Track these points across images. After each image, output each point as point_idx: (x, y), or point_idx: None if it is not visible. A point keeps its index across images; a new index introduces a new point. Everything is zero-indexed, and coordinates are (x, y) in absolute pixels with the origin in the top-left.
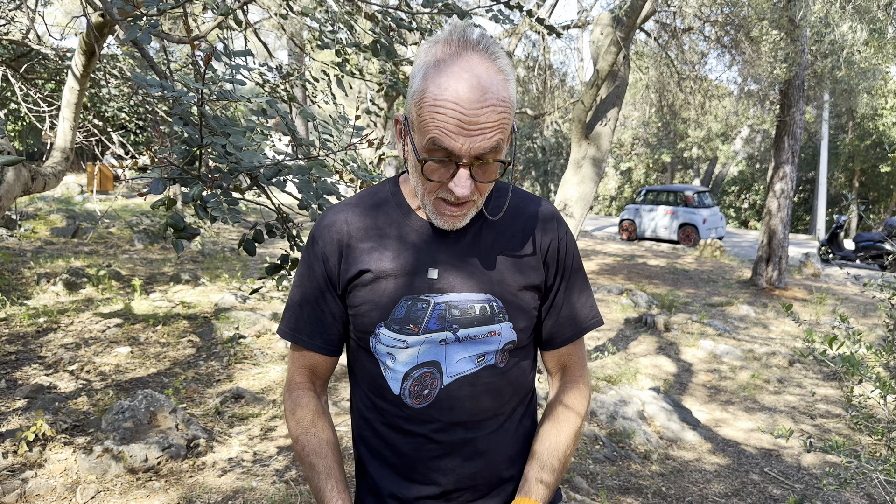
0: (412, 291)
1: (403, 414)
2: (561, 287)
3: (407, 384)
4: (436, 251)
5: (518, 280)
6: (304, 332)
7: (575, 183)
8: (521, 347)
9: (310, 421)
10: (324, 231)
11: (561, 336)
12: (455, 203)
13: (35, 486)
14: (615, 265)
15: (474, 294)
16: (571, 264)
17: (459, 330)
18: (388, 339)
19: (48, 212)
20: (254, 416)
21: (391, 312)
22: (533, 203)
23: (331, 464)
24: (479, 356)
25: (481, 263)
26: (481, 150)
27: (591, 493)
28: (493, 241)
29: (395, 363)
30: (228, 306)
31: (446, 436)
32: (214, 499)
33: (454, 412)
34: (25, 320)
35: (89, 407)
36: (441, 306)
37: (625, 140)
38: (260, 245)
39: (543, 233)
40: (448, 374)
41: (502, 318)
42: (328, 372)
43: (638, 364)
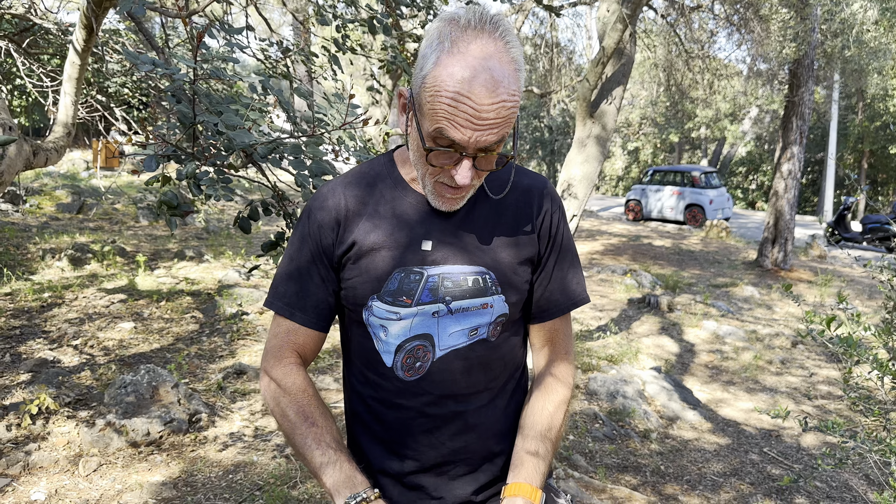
0: (405, 264)
1: (395, 387)
2: (551, 261)
3: (399, 357)
4: (430, 224)
5: (511, 253)
6: (295, 306)
7: (579, 162)
8: (512, 322)
9: (307, 397)
10: (320, 205)
11: (549, 310)
12: (455, 188)
13: (38, 458)
14: (620, 245)
15: (467, 266)
16: (562, 240)
17: (452, 302)
18: (381, 311)
19: (53, 188)
20: (256, 392)
21: (384, 285)
22: (527, 178)
23: (335, 436)
24: (471, 330)
25: (475, 236)
26: (487, 144)
27: (590, 470)
28: (487, 214)
29: (388, 335)
30: (232, 283)
31: (437, 409)
32: (216, 472)
33: (446, 385)
34: (30, 295)
35: (92, 381)
36: (434, 278)
37: (632, 120)
38: (264, 223)
39: (537, 207)
40: (440, 348)
41: (495, 291)
42: (315, 350)
43: (640, 344)
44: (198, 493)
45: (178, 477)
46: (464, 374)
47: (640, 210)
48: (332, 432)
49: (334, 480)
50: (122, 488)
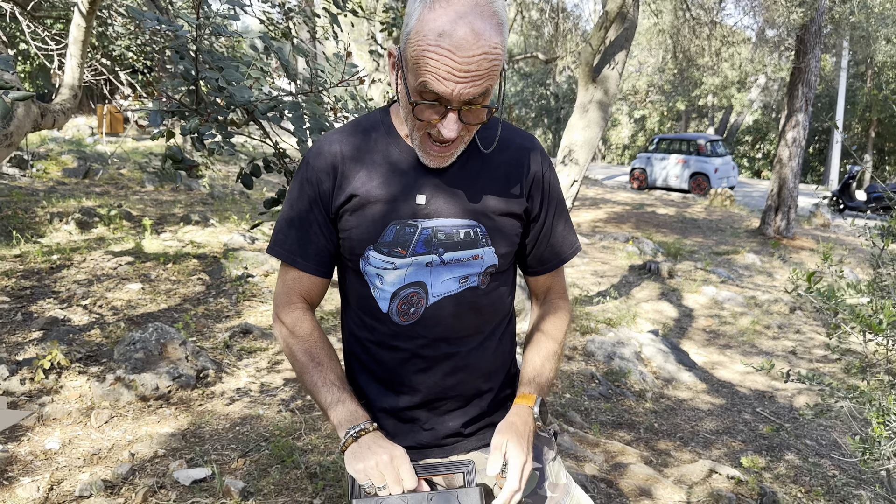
0: (400, 216)
1: (391, 331)
2: (545, 219)
3: (395, 303)
4: (424, 178)
5: (501, 208)
6: (297, 253)
7: (580, 127)
8: (501, 272)
9: (315, 339)
10: (317, 156)
11: (545, 264)
12: (441, 141)
13: (52, 410)
14: (623, 213)
15: (459, 220)
16: (554, 197)
17: (445, 253)
18: (378, 261)
19: (59, 153)
20: (261, 350)
21: (380, 236)
22: (519, 137)
23: (340, 374)
24: (462, 278)
25: (467, 191)
26: (471, 96)
27: (585, 426)
28: (480, 170)
29: (384, 284)
30: (237, 247)
31: (430, 351)
32: (223, 425)
33: (438, 329)
34: (39, 257)
35: (102, 339)
36: (428, 231)
37: (639, 87)
38: (267, 188)
39: (528, 165)
40: (433, 294)
41: (485, 243)
42: (320, 296)
43: (639, 308)
44: (205, 443)
45: (187, 429)
46: (455, 318)
47: (645, 178)
48: (337, 372)
49: (338, 415)
50: (133, 439)
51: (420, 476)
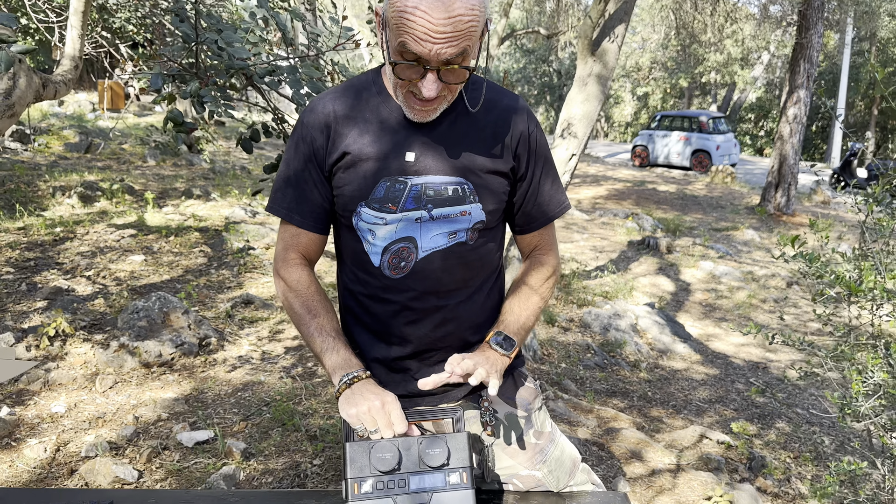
0: (391, 173)
1: (382, 284)
2: (532, 177)
3: (386, 257)
4: (413, 136)
5: (488, 166)
6: (294, 211)
7: (579, 101)
8: (489, 228)
9: (312, 293)
10: (311, 116)
11: (532, 222)
12: (423, 100)
13: (57, 375)
14: (624, 190)
15: (447, 177)
16: (541, 156)
17: (433, 209)
18: (369, 216)
19: (60, 128)
20: (263, 320)
21: (371, 192)
22: (506, 97)
23: (336, 326)
24: (450, 233)
25: (455, 149)
26: (448, 56)
27: (579, 394)
28: (467, 129)
29: (375, 238)
30: (238, 220)
31: (420, 303)
32: (225, 391)
33: (428, 282)
34: (42, 230)
35: (106, 308)
36: (417, 187)
37: (642, 64)
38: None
39: (514, 125)
40: (423, 249)
41: (473, 200)
42: (318, 252)
43: (636, 282)
44: (208, 408)
45: (189, 394)
46: (444, 272)
47: (647, 156)
48: (333, 322)
49: (333, 362)
50: (137, 403)
51: (410, 422)
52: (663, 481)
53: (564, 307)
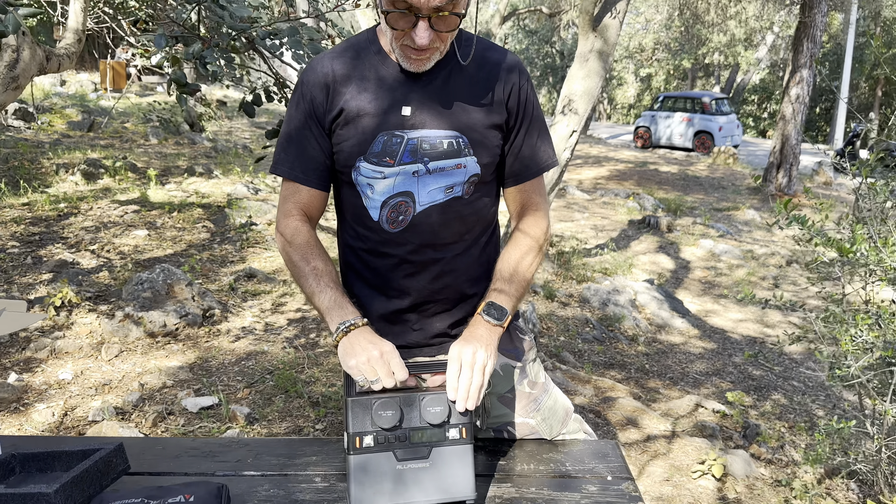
0: (388, 127)
1: (381, 238)
2: (522, 129)
3: (384, 211)
4: (409, 92)
5: (482, 119)
6: (296, 168)
7: (580, 77)
8: (484, 183)
9: (310, 247)
10: (311, 75)
11: (522, 173)
12: (417, 49)
13: (64, 344)
14: (626, 171)
15: (443, 131)
16: (531, 110)
17: (430, 162)
18: (368, 170)
19: (63, 107)
20: (265, 293)
21: (370, 147)
22: (498, 53)
23: (335, 279)
24: (447, 187)
25: (450, 104)
26: (439, 3)
27: (577, 365)
28: (461, 84)
29: (374, 193)
30: (241, 197)
31: (418, 256)
32: (229, 360)
33: (425, 236)
34: (47, 205)
35: (110, 280)
36: (413, 141)
37: (646, 45)
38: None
39: (506, 80)
40: (420, 203)
41: (468, 153)
42: (319, 209)
43: (636, 260)
44: (212, 375)
45: (194, 363)
46: (441, 226)
47: (650, 137)
48: (330, 273)
49: (331, 312)
50: (142, 371)
51: (410, 374)
52: (658, 446)
53: (564, 283)
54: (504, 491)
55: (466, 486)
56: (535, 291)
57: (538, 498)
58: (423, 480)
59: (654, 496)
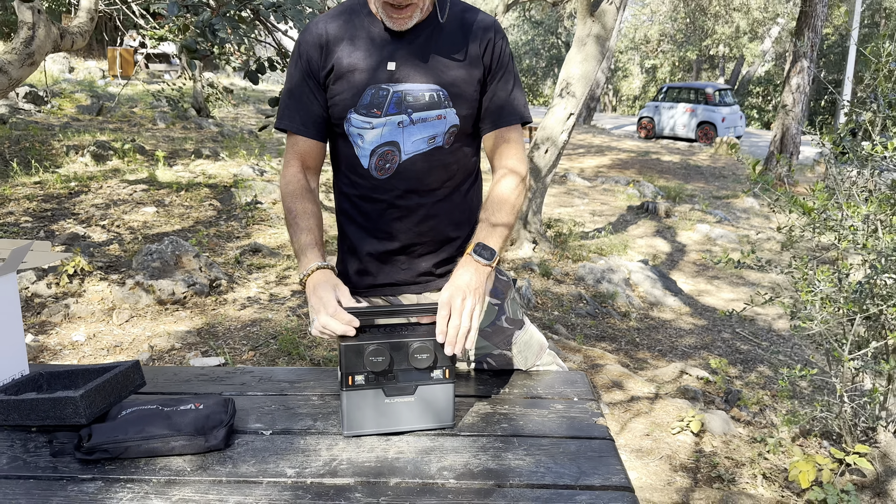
0: (375, 81)
1: (371, 184)
2: (496, 78)
3: (373, 160)
4: (394, 49)
5: (460, 74)
6: (294, 120)
7: (578, 61)
8: (465, 134)
9: (299, 193)
10: (307, 35)
11: (496, 118)
12: (398, 7)
13: (76, 310)
14: (628, 160)
15: (425, 84)
16: (506, 63)
17: (413, 113)
18: (358, 121)
19: (72, 92)
20: (270, 267)
21: (359, 99)
22: (478, 14)
23: (311, 224)
24: (429, 137)
25: (431, 60)
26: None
27: (569, 337)
28: (441, 42)
29: (364, 142)
30: (247, 178)
31: (403, 201)
32: (234, 326)
33: (410, 182)
34: (58, 184)
35: (121, 252)
36: (398, 93)
37: (651, 37)
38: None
39: (482, 37)
40: (405, 152)
41: (447, 105)
42: (317, 160)
43: (633, 243)
44: (219, 339)
45: (201, 328)
46: (424, 173)
47: (653, 127)
48: (309, 218)
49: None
50: (152, 335)
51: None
52: (640, 406)
53: (560, 262)
54: (480, 408)
55: (446, 416)
56: (531, 269)
57: (511, 413)
58: (408, 412)
59: (633, 448)
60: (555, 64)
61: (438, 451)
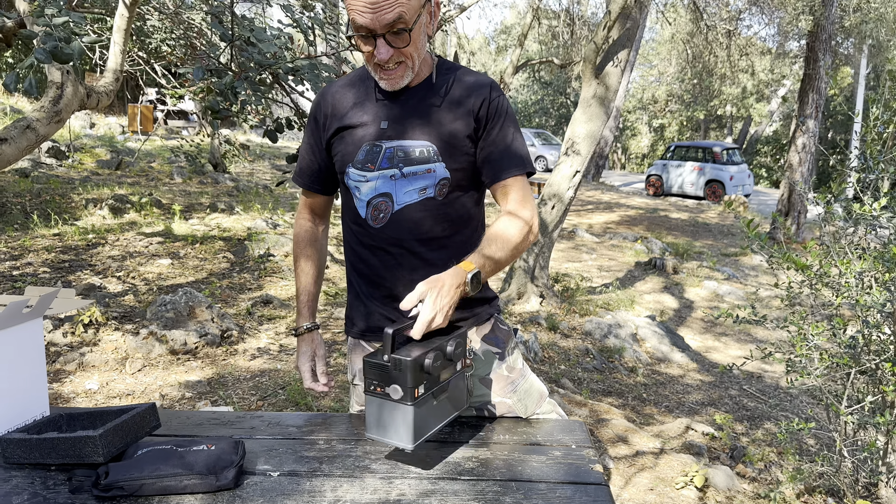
0: (370, 139)
1: (368, 233)
2: (493, 130)
3: (369, 210)
4: (389, 109)
5: (451, 130)
6: (304, 176)
7: (583, 120)
8: (458, 186)
9: (306, 241)
10: (319, 99)
11: (500, 172)
12: (385, 68)
13: (91, 359)
14: (636, 217)
15: (415, 141)
16: (504, 115)
17: (404, 167)
18: (355, 175)
19: (92, 146)
20: (281, 318)
21: (356, 155)
22: (474, 76)
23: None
24: (420, 189)
25: (423, 118)
26: (388, 21)
27: (576, 391)
28: (434, 101)
29: (361, 194)
30: (261, 231)
31: (396, 249)
32: (244, 376)
33: (403, 230)
34: (76, 236)
35: (135, 303)
36: (390, 149)
37: (659, 96)
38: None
39: (477, 94)
40: (398, 203)
41: (436, 159)
42: (325, 209)
43: (640, 298)
44: (228, 389)
45: (212, 377)
46: (417, 222)
47: (661, 185)
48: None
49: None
50: (163, 384)
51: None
52: (645, 461)
53: (567, 316)
54: (480, 453)
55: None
56: (538, 323)
57: (510, 459)
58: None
59: (637, 503)
60: (563, 122)
61: (439, 493)
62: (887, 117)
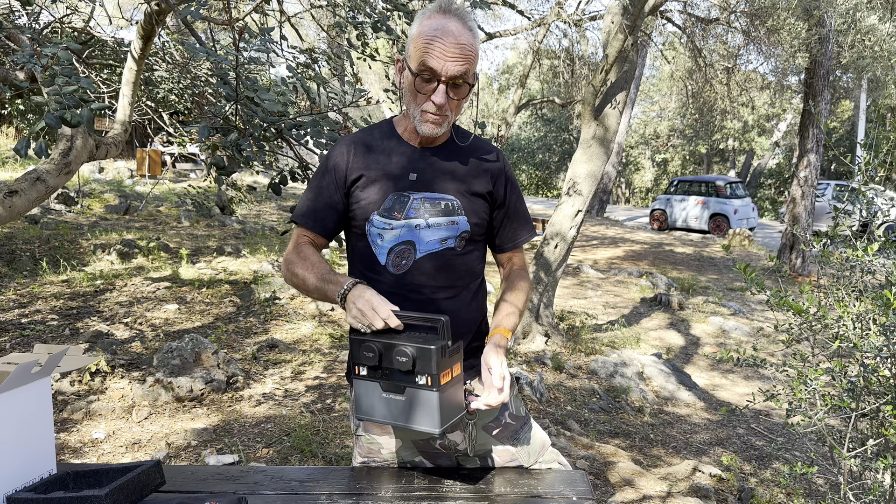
0: (398, 189)
1: (387, 280)
2: (509, 203)
3: (391, 257)
4: (416, 162)
5: (471, 188)
6: (309, 217)
7: (583, 161)
8: (474, 241)
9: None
10: (338, 148)
11: (513, 240)
12: (434, 113)
13: (97, 407)
14: (641, 252)
15: (441, 194)
16: (514, 190)
17: (429, 218)
18: (380, 223)
19: (101, 191)
20: (286, 362)
21: (382, 204)
22: (487, 144)
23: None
24: (442, 239)
25: (448, 174)
26: (454, 72)
27: (582, 433)
28: (457, 160)
29: (383, 241)
30: (267, 274)
31: (417, 296)
32: (250, 422)
33: (423, 279)
34: (84, 282)
35: (142, 350)
36: (417, 200)
37: (661, 132)
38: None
39: (492, 162)
40: (420, 251)
41: (460, 213)
42: (321, 247)
43: (646, 336)
44: (234, 436)
45: (217, 425)
46: (437, 271)
47: (665, 219)
48: (326, 266)
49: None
50: (169, 432)
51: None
52: None
53: (572, 355)
54: None
55: (433, 423)
56: (543, 363)
57: None
58: (401, 409)
59: None
60: (566, 158)
61: None
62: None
